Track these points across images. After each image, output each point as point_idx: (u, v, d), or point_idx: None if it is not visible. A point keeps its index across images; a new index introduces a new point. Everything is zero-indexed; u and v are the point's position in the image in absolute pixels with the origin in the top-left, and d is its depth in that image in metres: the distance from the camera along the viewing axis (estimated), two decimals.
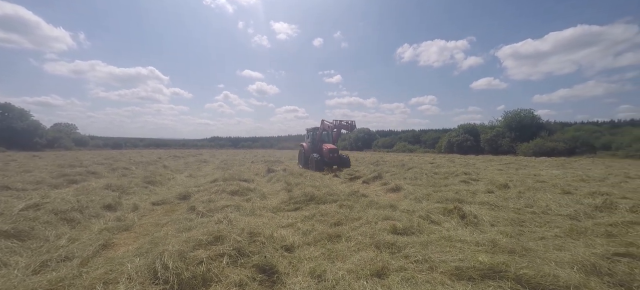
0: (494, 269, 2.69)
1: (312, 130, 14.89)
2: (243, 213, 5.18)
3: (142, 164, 15.35)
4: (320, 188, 6.73)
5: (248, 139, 75.85)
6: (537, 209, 5.44)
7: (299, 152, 15.72)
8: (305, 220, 4.75)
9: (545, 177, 9.90)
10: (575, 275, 2.56)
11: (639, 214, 4.72)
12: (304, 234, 4.10)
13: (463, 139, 33.93)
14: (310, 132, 15.14)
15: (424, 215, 4.63)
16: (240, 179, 8.73)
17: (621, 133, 23.59)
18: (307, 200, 5.96)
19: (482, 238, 3.48)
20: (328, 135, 14.89)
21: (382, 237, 3.67)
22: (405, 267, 2.95)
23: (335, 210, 5.10)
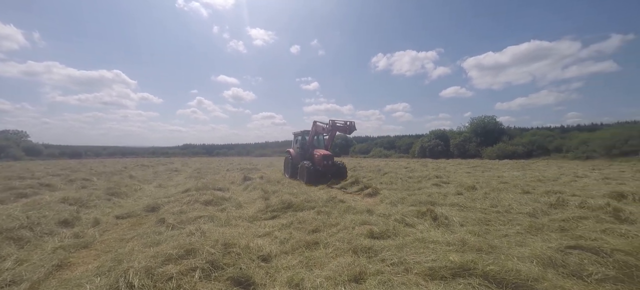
0: (463, 267, 2.84)
1: (301, 134, 12.89)
2: (217, 224, 4.98)
3: (105, 174, 14.21)
4: (297, 195, 6.68)
5: (223, 146, 73.35)
6: (501, 208, 5.84)
7: (285, 160, 13.67)
8: (283, 229, 4.67)
9: (507, 178, 10.69)
10: (534, 269, 2.77)
11: (587, 209, 5.24)
12: (281, 242, 4.03)
13: (434, 144, 35.65)
14: (299, 136, 13.11)
15: (399, 219, 4.77)
16: (214, 188, 8.40)
17: (569, 137, 26.21)
18: (284, 207, 5.88)
19: (453, 238, 3.66)
20: (320, 140, 12.93)
21: (360, 242, 3.71)
22: (382, 271, 3.01)
23: (313, 217, 5.08)
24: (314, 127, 11.73)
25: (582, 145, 22.94)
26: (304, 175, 10.70)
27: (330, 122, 10.46)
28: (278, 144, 73.85)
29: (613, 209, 5.02)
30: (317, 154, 11.13)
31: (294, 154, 12.85)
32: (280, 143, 72.91)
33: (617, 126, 25.37)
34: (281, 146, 67.10)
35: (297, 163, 11.93)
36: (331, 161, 11.02)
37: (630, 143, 19.57)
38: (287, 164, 13.42)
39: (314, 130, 11.78)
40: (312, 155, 11.54)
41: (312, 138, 11.99)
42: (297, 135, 13.29)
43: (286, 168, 13.52)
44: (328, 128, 10.80)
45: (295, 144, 13.41)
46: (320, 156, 10.90)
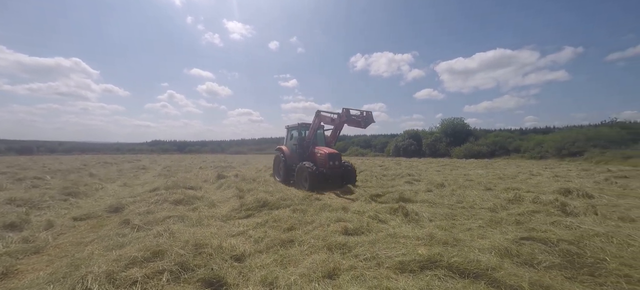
0: (430, 259, 3.00)
1: (297, 128, 10.46)
2: (188, 224, 4.78)
3: (60, 172, 12.98)
4: (273, 193, 6.61)
5: (196, 143, 70.26)
6: (465, 204, 6.24)
7: (276, 160, 11.04)
8: (258, 227, 4.61)
9: (472, 176, 11.44)
10: (493, 259, 3.00)
11: (539, 204, 5.78)
12: (255, 241, 3.97)
13: (408, 144, 37.05)
14: (294, 130, 10.69)
15: (373, 215, 4.92)
16: (185, 186, 8.04)
17: (527, 139, 28.64)
18: (259, 206, 5.79)
19: (422, 233, 3.85)
20: (319, 136, 10.46)
21: (334, 239, 3.77)
22: (355, 266, 3.09)
23: (289, 215, 5.07)
24: (317, 118, 9.29)
25: (537, 147, 25.18)
26: (305, 180, 8.42)
27: (344, 110, 8.07)
28: (255, 141, 72.29)
29: (560, 203, 5.58)
30: (321, 153, 8.87)
31: (287, 152, 10.33)
32: (257, 140, 71.50)
33: (566, 130, 28.20)
34: (258, 144, 65.83)
35: (293, 164, 9.59)
36: (339, 161, 8.85)
37: (576, 145, 21.85)
38: (277, 165, 10.96)
39: (317, 122, 9.38)
40: (313, 154, 9.26)
41: (314, 132, 9.62)
42: (292, 129, 10.83)
43: (276, 170, 11.01)
44: (339, 119, 8.43)
45: (290, 140, 10.83)
46: (325, 155, 8.64)
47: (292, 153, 10.21)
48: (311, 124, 9.66)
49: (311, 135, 9.59)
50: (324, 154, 8.74)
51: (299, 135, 10.14)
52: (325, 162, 8.60)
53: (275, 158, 11.17)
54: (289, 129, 11.15)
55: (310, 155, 9.38)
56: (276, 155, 11.03)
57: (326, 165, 8.54)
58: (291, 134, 10.89)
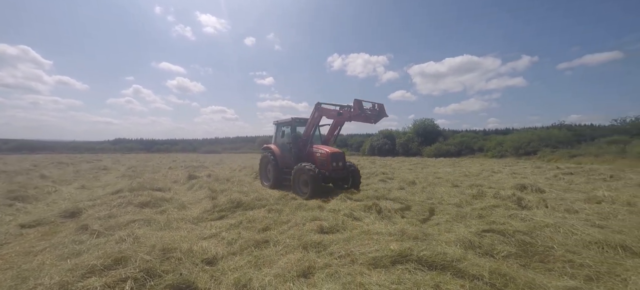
0: (401, 254, 3.12)
1: (290, 124, 8.81)
2: (155, 227, 4.52)
3: (5, 173, 11.58)
4: (248, 193, 6.47)
5: (165, 142, 66.42)
6: (435, 200, 6.58)
7: (263, 162, 9.40)
8: (231, 229, 4.48)
9: (441, 174, 12.10)
10: (458, 251, 3.20)
11: (499, 199, 6.26)
12: (228, 243, 3.86)
13: (382, 143, 38.18)
14: (285, 126, 9.12)
15: (348, 213, 5.00)
16: (153, 188, 7.58)
17: (489, 139, 30.92)
18: (233, 207, 5.63)
19: (394, 229, 4.00)
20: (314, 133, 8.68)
21: (310, 238, 3.79)
22: (330, 264, 3.12)
23: (264, 215, 4.99)
24: (317, 111, 7.76)
25: (498, 146, 27.26)
26: (304, 184, 7.20)
27: (356, 103, 6.59)
28: (229, 140, 69.97)
29: (517, 198, 6.10)
30: (321, 152, 7.66)
31: (278, 152, 8.81)
32: (232, 139, 69.30)
33: (523, 131, 30.79)
34: (233, 143, 63.87)
35: (286, 165, 8.38)
36: (343, 162, 7.73)
37: (531, 145, 24.00)
38: (264, 167, 9.37)
39: (317, 117, 7.85)
40: (311, 154, 7.99)
41: (314, 129, 8.18)
42: (284, 125, 9.20)
43: (263, 173, 9.43)
44: (348, 114, 6.93)
45: (281, 138, 9.29)
46: (327, 155, 7.44)
47: (283, 153, 8.74)
48: (309, 119, 8.09)
49: (309, 131, 8.13)
50: (326, 154, 7.51)
51: (291, 132, 8.65)
52: (327, 163, 7.40)
53: (262, 159, 9.39)
54: (278, 125, 9.48)
55: (308, 156, 8.05)
56: (263, 156, 9.31)
57: (328, 166, 7.36)
58: (282, 130, 9.27)
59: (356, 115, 6.64)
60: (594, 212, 5.18)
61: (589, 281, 2.80)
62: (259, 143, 56.55)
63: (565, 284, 2.69)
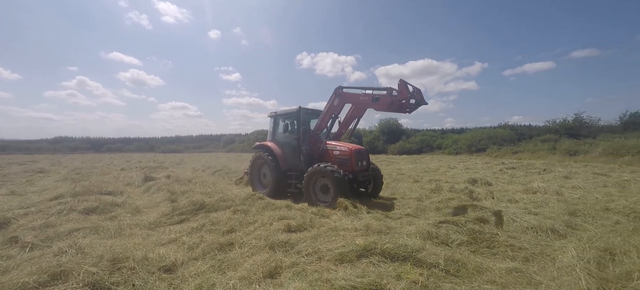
0: (366, 248, 3.24)
1: (296, 115, 7.04)
2: (104, 236, 4.10)
3: None
4: (212, 195, 6.16)
5: (118, 141, 60.20)
6: (398, 195, 6.93)
7: (255, 164, 7.64)
8: (193, 233, 4.23)
9: (404, 170, 12.79)
10: (417, 242, 3.42)
11: (453, 192, 6.81)
12: (189, 248, 3.64)
13: (350, 142, 39.20)
14: (289, 119, 7.37)
15: (316, 211, 5.04)
16: (101, 192, 6.84)
17: (447, 138, 33.52)
18: (195, 209, 5.32)
19: (360, 224, 4.12)
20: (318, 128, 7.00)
21: (277, 237, 3.74)
22: (297, 262, 3.12)
23: (229, 216, 4.81)
24: (340, 98, 6.26)
25: (454, 144, 29.68)
26: (325, 190, 5.84)
27: (402, 84, 5.22)
28: (192, 138, 65.87)
29: (469, 191, 6.70)
30: (341, 149, 6.25)
31: (278, 151, 7.14)
32: (195, 138, 65.32)
33: (475, 130, 33.83)
34: (196, 141, 60.28)
35: (291, 167, 6.95)
36: (368, 162, 6.61)
37: (481, 142, 26.54)
38: (258, 170, 7.67)
39: (338, 105, 6.37)
40: (326, 152, 6.52)
41: (332, 120, 6.61)
42: (285, 117, 7.43)
43: (256, 177, 7.69)
44: (389, 99, 5.42)
45: (283, 133, 7.58)
46: (351, 153, 6.09)
47: (286, 152, 7.14)
48: (326, 108, 6.52)
49: (326, 124, 6.63)
50: (348, 151, 6.08)
51: (298, 126, 6.93)
52: (351, 163, 5.99)
53: (255, 161, 7.58)
54: (277, 118, 7.68)
55: (322, 155, 6.57)
56: (256, 156, 7.53)
57: (353, 167, 5.97)
58: (285, 123, 7.46)
59: (398, 101, 5.28)
60: (531, 201, 5.90)
61: (526, 261, 3.19)
62: (225, 142, 54.27)
63: (507, 266, 3.02)
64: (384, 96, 5.55)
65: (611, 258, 3.00)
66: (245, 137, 51.55)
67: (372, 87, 5.89)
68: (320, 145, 6.64)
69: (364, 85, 6.22)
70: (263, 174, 7.60)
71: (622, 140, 16.15)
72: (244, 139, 50.27)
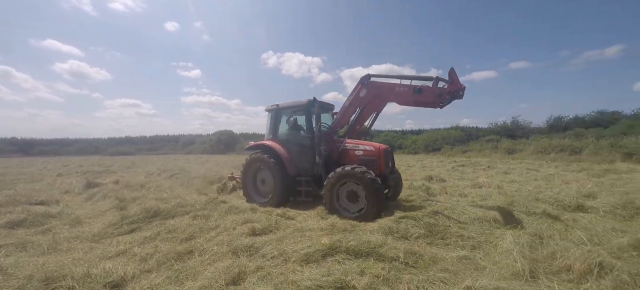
0: (332, 247, 3.29)
1: (305, 109, 6.01)
2: (35, 252, 3.57)
3: None
4: (168, 200, 5.71)
5: (53, 142, 52.54)
6: None
7: (250, 167, 6.45)
8: (145, 243, 3.88)
9: None
10: (380, 237, 3.57)
11: (412, 189, 7.26)
12: (142, 260, 3.34)
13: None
14: (298, 113, 6.23)
15: (281, 213, 4.97)
16: (30, 202, 5.93)
17: (406, 138, 35.74)
18: (148, 217, 4.88)
19: (325, 223, 4.18)
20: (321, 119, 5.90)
21: (240, 242, 3.61)
22: (262, 266, 3.05)
23: (188, 223, 4.51)
24: (368, 89, 5.48)
25: (412, 144, 31.77)
26: (353, 198, 5.01)
27: (453, 73, 4.76)
28: (145, 139, 60.27)
29: (426, 187, 7.20)
30: (365, 149, 5.51)
31: (284, 152, 6.06)
32: (149, 139, 59.88)
33: (431, 131, 36.55)
34: (151, 142, 55.32)
35: (299, 171, 6.02)
36: (393, 163, 6.01)
37: (436, 143, 28.85)
38: (252, 176, 6.53)
39: (367, 97, 5.55)
40: (345, 152, 5.68)
41: (355, 115, 5.94)
42: (294, 111, 6.25)
43: (251, 185, 6.55)
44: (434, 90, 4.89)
45: (290, 131, 6.38)
46: (379, 153, 5.38)
47: (294, 153, 6.12)
48: (349, 100, 5.70)
49: (348, 119, 5.91)
50: (375, 151, 5.38)
51: (308, 122, 5.98)
52: (379, 165, 5.29)
53: (249, 164, 6.39)
54: (280, 112, 6.52)
55: (340, 155, 5.72)
56: (252, 159, 6.32)
57: (381, 169, 5.29)
58: (292, 119, 6.19)
59: (448, 93, 4.81)
60: (477, 195, 6.55)
61: (473, 249, 3.53)
62: (184, 143, 50.69)
63: (457, 254, 3.31)
64: (429, 87, 4.90)
65: (540, 241, 3.47)
66: (206, 138, 48.79)
67: (407, 76, 5.17)
68: (340, 144, 5.74)
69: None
70: (261, 180, 6.36)
71: (548, 140, 18.80)
72: (205, 140, 47.59)
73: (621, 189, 6.59)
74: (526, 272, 2.73)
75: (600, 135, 17.93)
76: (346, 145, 5.67)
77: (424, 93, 4.94)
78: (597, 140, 16.24)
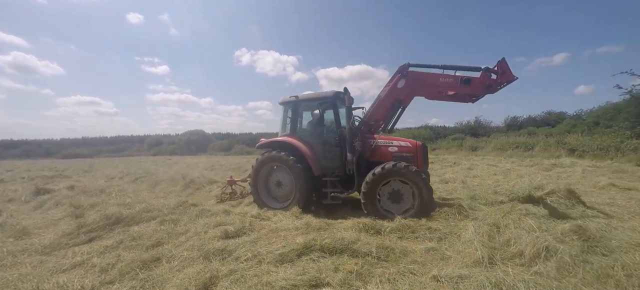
0: (306, 246, 3.32)
1: (330, 101, 5.58)
2: None
3: None
4: (132, 205, 5.34)
5: None
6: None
7: (260, 168, 5.71)
8: (106, 252, 3.61)
9: None
10: (353, 234, 3.67)
11: None
12: (102, 271, 3.10)
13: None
14: (325, 107, 5.62)
15: (256, 215, 4.89)
16: None
17: None
18: (109, 224, 4.53)
19: (300, 223, 4.18)
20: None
21: (212, 246, 3.49)
22: (236, 269, 2.97)
23: (155, 228, 4.26)
24: (407, 79, 5.12)
25: None
26: (397, 198, 4.76)
27: (504, 63, 4.58)
28: (106, 140, 55.58)
29: None
30: (400, 145, 5.28)
31: (308, 151, 5.48)
32: (110, 139, 55.30)
33: (402, 130, 38.06)
34: (112, 144, 51.17)
35: (325, 172, 5.46)
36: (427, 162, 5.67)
37: None
38: (265, 178, 5.80)
39: (404, 89, 5.19)
40: (377, 149, 5.33)
41: (394, 110, 5.44)
42: (321, 103, 5.60)
43: (263, 188, 5.80)
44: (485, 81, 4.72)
45: (315, 127, 5.80)
46: (417, 149, 5.25)
47: (319, 150, 5.57)
48: (385, 92, 5.33)
49: (380, 113, 5.48)
50: (412, 147, 5.22)
51: (337, 116, 5.60)
52: (418, 162, 5.13)
53: (261, 164, 5.65)
54: (301, 106, 5.91)
55: (374, 153, 5.32)
56: (265, 158, 5.59)
57: (421, 167, 5.09)
58: (320, 113, 5.57)
59: (498, 84, 4.69)
60: (444, 190, 6.97)
61: (440, 241, 3.74)
62: (150, 143, 47.56)
63: (426, 246, 3.50)
64: (478, 78, 4.70)
65: (497, 231, 3.78)
66: (175, 138, 46.31)
67: (450, 66, 4.86)
68: (371, 141, 5.35)
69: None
70: (276, 182, 5.64)
71: (506, 138, 20.49)
72: (174, 141, 45.14)
73: (565, 180, 7.40)
74: (485, 259, 2.96)
75: (548, 134, 19.90)
76: (377, 142, 5.30)
77: (473, 84, 4.77)
78: (546, 138, 18.01)
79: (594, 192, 6.42)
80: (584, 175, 8.42)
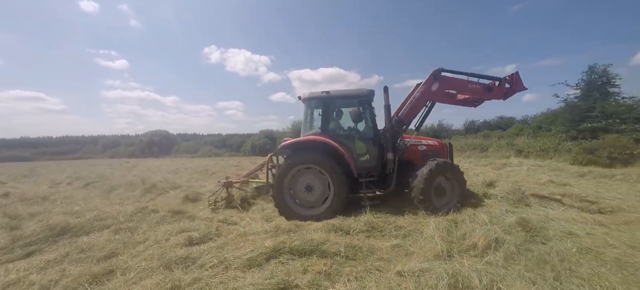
0: (275, 249, 3.28)
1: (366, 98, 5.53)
2: None
3: None
4: (81, 214, 4.82)
5: None
6: None
7: (284, 171, 5.08)
8: (48, 267, 3.22)
9: None
10: (323, 235, 3.70)
11: None
12: (42, 288, 2.76)
13: (264, 143, 38.55)
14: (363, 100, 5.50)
15: (223, 219, 4.71)
16: None
17: None
18: (53, 236, 4.04)
19: (270, 226, 4.13)
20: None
21: (174, 254, 3.30)
22: (200, 278, 2.84)
23: (108, 238, 3.90)
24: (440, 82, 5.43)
25: None
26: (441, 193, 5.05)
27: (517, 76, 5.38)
28: (51, 141, 49.52)
29: None
30: (430, 145, 5.73)
31: (345, 151, 5.17)
32: (56, 140, 49.41)
33: None
34: (58, 145, 45.78)
35: (362, 172, 5.25)
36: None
37: None
38: (290, 183, 5.17)
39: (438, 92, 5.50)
40: (409, 148, 5.50)
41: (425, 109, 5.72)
42: (363, 100, 5.50)
43: (288, 194, 5.17)
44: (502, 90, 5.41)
45: (355, 124, 5.53)
46: (444, 147, 5.81)
47: (354, 150, 5.36)
48: (418, 93, 5.46)
49: (415, 114, 5.64)
50: (440, 146, 5.75)
51: (373, 114, 5.61)
52: (447, 159, 5.48)
53: (287, 167, 5.09)
54: (332, 103, 5.63)
55: (407, 151, 5.43)
56: (293, 161, 5.12)
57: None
58: (358, 111, 5.30)
59: (512, 92, 5.40)
60: None
61: (405, 237, 3.93)
62: (105, 145, 43.31)
63: (391, 243, 3.65)
64: (497, 86, 5.38)
65: (455, 226, 4.08)
66: (135, 139, 42.85)
67: (474, 74, 5.41)
68: (407, 140, 5.53)
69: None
70: (308, 186, 5.11)
71: (464, 140, 22.21)
72: (134, 142, 41.73)
73: (513, 178, 8.21)
74: (444, 253, 3.18)
75: (500, 136, 21.96)
76: (407, 143, 5.47)
77: (494, 91, 5.38)
78: (498, 140, 19.86)
79: (536, 187, 7.22)
80: (528, 173, 9.42)
